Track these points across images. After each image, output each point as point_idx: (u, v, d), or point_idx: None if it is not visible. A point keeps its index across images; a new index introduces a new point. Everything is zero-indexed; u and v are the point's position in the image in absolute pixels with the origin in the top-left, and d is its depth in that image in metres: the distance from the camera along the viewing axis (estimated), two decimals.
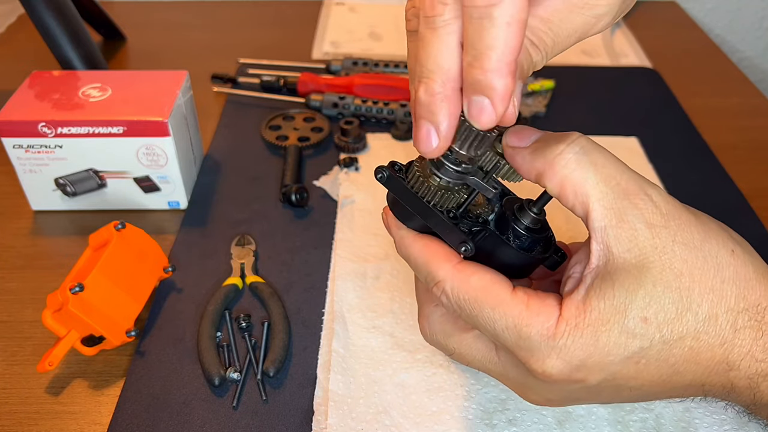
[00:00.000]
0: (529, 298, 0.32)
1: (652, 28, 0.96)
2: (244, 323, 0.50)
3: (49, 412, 0.45)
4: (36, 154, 0.58)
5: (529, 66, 0.31)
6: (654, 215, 0.31)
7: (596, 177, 0.32)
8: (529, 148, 0.33)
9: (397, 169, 0.36)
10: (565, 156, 0.32)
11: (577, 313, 0.31)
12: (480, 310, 0.33)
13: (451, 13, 0.29)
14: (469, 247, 0.33)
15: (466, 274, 0.33)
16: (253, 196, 0.64)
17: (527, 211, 0.34)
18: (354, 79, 0.76)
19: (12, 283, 0.55)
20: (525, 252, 0.35)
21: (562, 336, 0.31)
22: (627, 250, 0.31)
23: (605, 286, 0.31)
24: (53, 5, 0.69)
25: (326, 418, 0.43)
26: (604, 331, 0.30)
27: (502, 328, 0.32)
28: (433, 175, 0.34)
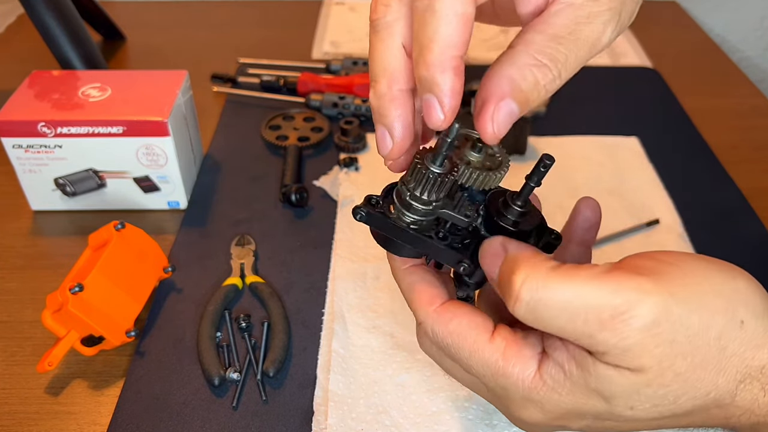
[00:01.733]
0: (507, 346, 0.31)
1: (652, 28, 0.96)
2: (244, 323, 0.50)
3: (48, 413, 0.45)
4: (36, 153, 0.58)
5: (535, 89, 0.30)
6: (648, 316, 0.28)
7: None
8: None
9: (375, 202, 0.35)
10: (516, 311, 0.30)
11: (557, 373, 0.30)
12: (459, 354, 0.33)
13: (394, 14, 0.29)
14: (467, 265, 0.33)
15: (445, 318, 0.33)
16: (253, 196, 0.64)
17: (512, 207, 0.34)
18: (354, 78, 0.76)
19: (12, 283, 0.55)
20: None
21: (537, 393, 0.30)
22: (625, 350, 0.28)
23: (587, 362, 0.29)
24: (53, 5, 0.69)
25: (326, 419, 0.43)
26: (582, 398, 0.30)
27: (481, 373, 0.32)
28: (405, 215, 0.34)
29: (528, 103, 0.30)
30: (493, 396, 0.34)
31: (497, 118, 0.29)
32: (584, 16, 0.29)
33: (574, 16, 0.29)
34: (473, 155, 0.34)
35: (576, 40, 0.29)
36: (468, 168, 0.33)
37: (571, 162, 0.67)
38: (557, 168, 0.66)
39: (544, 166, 0.31)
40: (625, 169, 0.66)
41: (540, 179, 0.32)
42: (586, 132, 0.72)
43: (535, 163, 0.32)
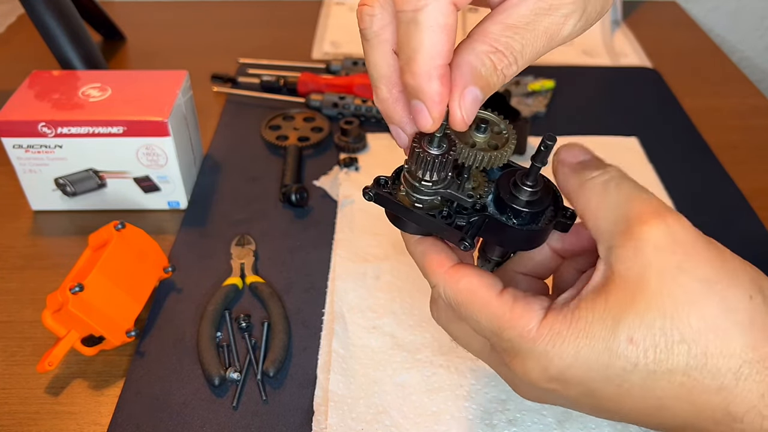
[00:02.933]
0: (515, 300, 0.32)
1: (652, 28, 0.96)
2: (244, 323, 0.50)
3: (48, 412, 0.45)
4: (36, 154, 0.58)
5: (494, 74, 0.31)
6: (664, 239, 0.30)
7: (616, 202, 0.31)
8: (569, 166, 0.34)
9: (383, 182, 0.36)
10: (595, 181, 0.32)
11: (563, 320, 0.30)
12: (468, 312, 0.33)
13: (379, 23, 0.30)
14: (468, 243, 0.34)
15: (455, 278, 0.34)
16: (253, 196, 0.64)
17: (521, 187, 0.34)
18: (354, 79, 0.76)
19: (12, 283, 0.55)
20: (529, 227, 0.34)
21: (542, 341, 0.30)
22: (628, 268, 0.30)
23: (598, 299, 0.30)
24: (53, 5, 0.69)
25: (326, 418, 0.43)
26: (586, 344, 0.29)
27: (488, 329, 0.33)
28: (410, 195, 0.35)
29: (490, 87, 0.31)
30: (497, 359, 0.35)
31: (464, 105, 0.31)
32: (545, 8, 0.30)
33: (535, 7, 0.30)
34: (478, 136, 0.35)
35: (533, 31, 0.30)
36: (472, 150, 0.34)
37: None
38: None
39: (545, 146, 0.32)
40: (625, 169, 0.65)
41: (545, 159, 0.33)
42: (586, 132, 0.72)
43: None
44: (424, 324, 0.50)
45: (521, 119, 0.65)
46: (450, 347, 0.48)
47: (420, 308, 0.51)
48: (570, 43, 0.91)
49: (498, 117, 0.37)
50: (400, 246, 0.57)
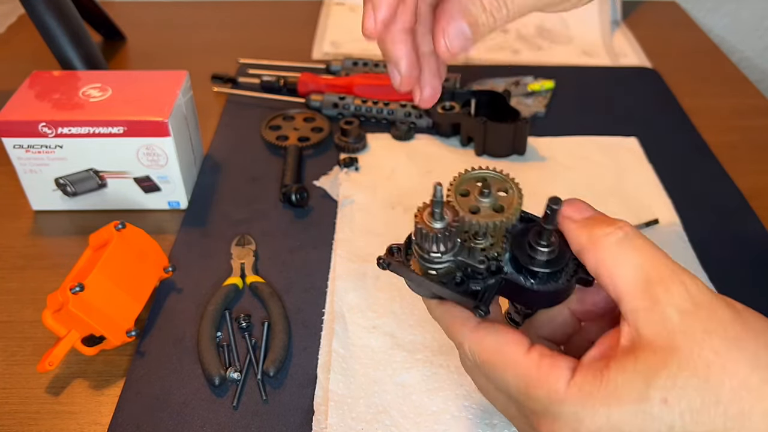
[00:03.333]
0: (542, 358, 0.32)
1: (652, 28, 0.96)
2: (244, 323, 0.50)
3: (49, 412, 0.45)
4: (36, 154, 0.58)
5: (483, 13, 0.33)
6: (686, 302, 0.30)
7: (633, 262, 0.31)
8: (578, 222, 0.34)
9: (396, 251, 0.36)
10: (609, 238, 0.32)
11: (593, 380, 0.30)
12: (494, 371, 0.33)
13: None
14: (482, 311, 0.33)
15: (480, 336, 0.34)
16: (253, 196, 0.64)
17: (536, 248, 0.34)
18: (354, 79, 0.76)
19: (12, 283, 0.55)
20: (547, 286, 0.34)
21: (571, 402, 0.30)
22: (656, 333, 0.30)
23: (627, 361, 0.29)
24: (53, 5, 0.69)
25: (326, 418, 0.44)
26: (617, 407, 0.29)
27: (515, 388, 0.32)
28: (422, 264, 0.35)
29: (477, 26, 0.32)
30: (523, 418, 0.34)
31: (449, 33, 0.32)
32: None
33: None
34: (483, 201, 0.35)
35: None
36: (476, 218, 0.34)
37: (571, 162, 0.67)
38: (557, 169, 0.67)
39: (551, 210, 0.32)
40: (625, 170, 0.66)
41: (553, 221, 0.33)
42: (585, 132, 0.72)
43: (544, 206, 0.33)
44: (424, 324, 0.50)
45: (521, 119, 0.65)
46: (450, 347, 0.48)
47: (420, 308, 0.51)
48: (569, 43, 0.91)
49: (499, 174, 0.36)
50: None
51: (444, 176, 0.68)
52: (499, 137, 0.66)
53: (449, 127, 0.70)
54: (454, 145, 0.70)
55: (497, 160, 0.67)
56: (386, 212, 0.61)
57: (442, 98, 0.71)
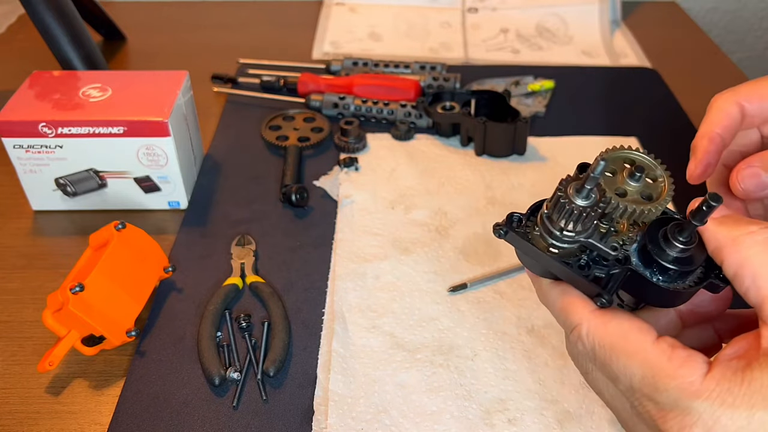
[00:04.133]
0: (674, 348, 0.30)
1: (651, 28, 0.96)
2: (245, 323, 0.50)
3: (49, 412, 0.45)
4: (36, 154, 0.58)
5: None
6: None
7: None
8: (717, 219, 0.32)
9: (516, 220, 0.33)
10: (755, 237, 0.30)
11: (733, 377, 0.28)
12: (616, 358, 0.31)
13: None
14: (606, 300, 0.31)
15: (604, 319, 0.32)
16: (253, 196, 0.64)
17: (672, 242, 0.31)
18: (354, 79, 0.76)
19: (12, 283, 0.55)
20: (674, 285, 0.32)
21: (708, 396, 0.28)
22: None
23: None
24: (53, 5, 0.69)
25: (326, 418, 0.44)
26: (762, 409, 0.27)
27: (639, 377, 0.30)
28: (548, 243, 0.32)
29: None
30: (636, 412, 0.32)
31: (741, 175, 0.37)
32: None
33: None
34: (631, 184, 0.33)
35: None
36: (623, 201, 0.32)
37: (571, 162, 0.67)
38: (557, 169, 0.67)
39: (708, 206, 0.30)
40: None
41: (705, 218, 0.31)
42: (585, 132, 0.72)
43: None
44: (424, 323, 0.50)
45: (521, 119, 0.65)
46: (450, 347, 0.48)
47: (420, 308, 0.51)
48: (569, 43, 0.91)
49: (656, 162, 0.34)
50: (400, 246, 0.57)
51: (444, 176, 0.68)
52: (499, 137, 0.66)
53: (449, 127, 0.70)
54: (454, 145, 0.70)
55: (497, 160, 0.67)
56: (386, 212, 0.61)
57: (442, 98, 0.71)
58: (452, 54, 0.89)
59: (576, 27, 0.95)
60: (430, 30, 0.94)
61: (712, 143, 0.39)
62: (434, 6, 1.00)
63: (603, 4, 0.96)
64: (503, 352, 0.48)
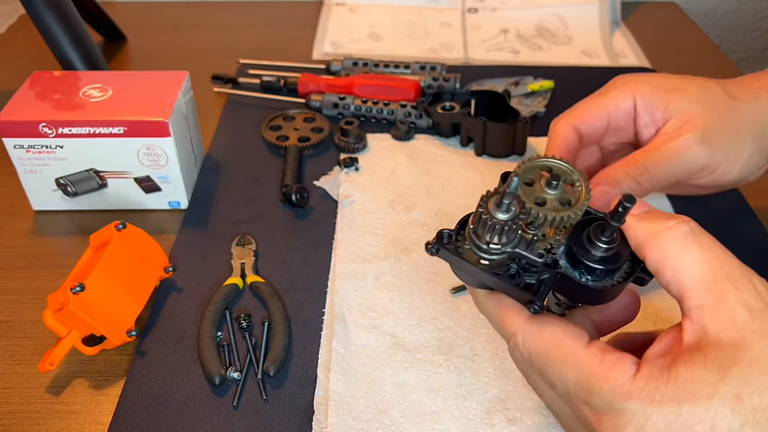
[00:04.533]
0: (604, 352, 0.31)
1: (651, 29, 0.96)
2: (245, 323, 0.50)
3: (49, 412, 0.45)
4: (37, 154, 0.58)
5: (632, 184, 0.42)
6: (756, 301, 0.30)
7: (699, 257, 0.31)
8: (638, 216, 0.33)
9: (447, 236, 0.34)
10: (672, 232, 0.32)
11: (660, 375, 0.29)
12: (552, 364, 0.32)
13: None
14: (537, 307, 0.32)
15: (537, 327, 0.33)
16: (253, 196, 0.64)
17: (596, 243, 0.33)
18: (354, 79, 0.76)
19: (13, 282, 0.55)
20: (603, 283, 0.33)
21: (638, 396, 0.29)
22: (723, 330, 0.29)
23: (695, 357, 0.29)
24: (54, 5, 0.69)
25: (326, 418, 0.44)
26: (688, 402, 0.28)
27: (573, 382, 0.31)
28: (478, 256, 0.33)
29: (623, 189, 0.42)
30: (575, 416, 0.33)
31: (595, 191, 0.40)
32: None
33: None
34: (549, 192, 0.34)
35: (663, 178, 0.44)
36: (543, 210, 0.33)
37: None
38: None
39: (623, 207, 0.31)
40: None
41: (622, 219, 0.32)
42: None
43: None
44: (424, 323, 0.50)
45: (521, 119, 0.65)
46: (450, 346, 0.48)
47: (420, 308, 0.51)
48: (569, 44, 0.91)
49: (570, 167, 0.35)
50: (400, 246, 0.57)
51: (444, 176, 0.68)
52: (499, 137, 0.66)
53: (449, 128, 0.70)
54: (453, 145, 0.70)
55: (497, 160, 0.67)
56: (386, 212, 0.61)
57: (442, 98, 0.71)
58: (452, 54, 0.89)
59: (576, 27, 0.95)
60: (430, 30, 0.94)
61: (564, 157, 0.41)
62: (434, 6, 1.00)
63: (603, 4, 0.96)
64: (503, 351, 0.48)
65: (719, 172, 0.45)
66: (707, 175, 0.45)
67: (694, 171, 0.44)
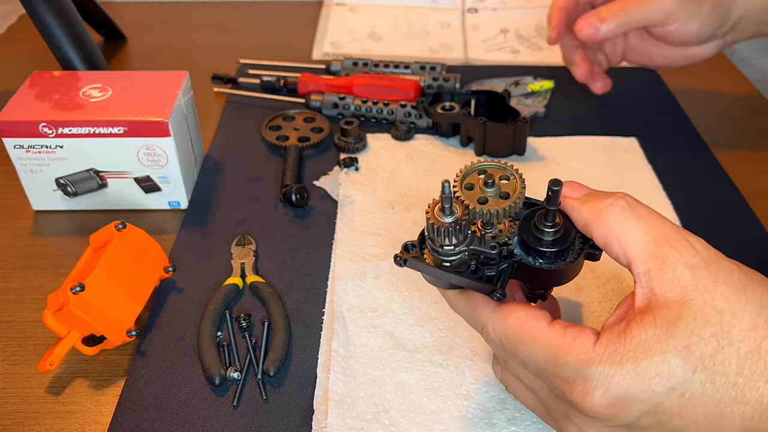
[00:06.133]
0: (566, 328, 0.34)
1: None
2: (245, 323, 0.50)
3: (49, 412, 0.45)
4: (37, 154, 0.58)
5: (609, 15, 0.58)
6: (695, 259, 0.32)
7: (639, 227, 0.34)
8: (579, 200, 0.36)
9: (411, 246, 0.38)
10: (612, 209, 0.35)
11: (617, 340, 0.32)
12: (521, 345, 0.35)
13: None
14: (500, 295, 0.35)
15: (503, 314, 0.36)
16: (253, 196, 0.64)
17: (542, 228, 0.36)
18: (354, 79, 0.76)
19: (13, 283, 0.55)
20: (557, 264, 0.36)
21: (599, 361, 0.31)
22: (669, 290, 0.32)
23: (646, 318, 0.32)
24: (54, 5, 0.69)
25: (326, 418, 0.44)
26: (644, 359, 0.31)
27: (543, 359, 0.34)
28: (437, 257, 0.36)
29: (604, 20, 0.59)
30: (551, 394, 0.35)
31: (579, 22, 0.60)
32: None
33: None
34: (488, 191, 0.37)
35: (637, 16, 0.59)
36: (484, 208, 0.36)
37: (570, 162, 0.67)
38: (556, 169, 0.67)
39: (552, 191, 0.34)
40: (624, 170, 0.67)
41: (555, 201, 0.35)
42: (585, 132, 0.72)
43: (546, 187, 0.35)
44: (423, 323, 0.50)
45: (521, 119, 0.65)
46: (450, 346, 0.48)
47: (420, 307, 0.51)
48: None
49: (499, 163, 0.38)
50: (400, 246, 0.57)
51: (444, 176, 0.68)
52: (499, 137, 0.66)
53: (449, 128, 0.70)
54: (453, 145, 0.70)
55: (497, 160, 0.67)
56: (386, 212, 0.61)
57: (442, 98, 0.71)
58: (452, 54, 0.89)
59: None
60: (429, 30, 0.94)
61: (560, 14, 0.54)
62: (434, 6, 1.00)
63: None
64: None
65: (681, 21, 0.57)
66: (672, 22, 0.58)
67: (663, 15, 0.56)
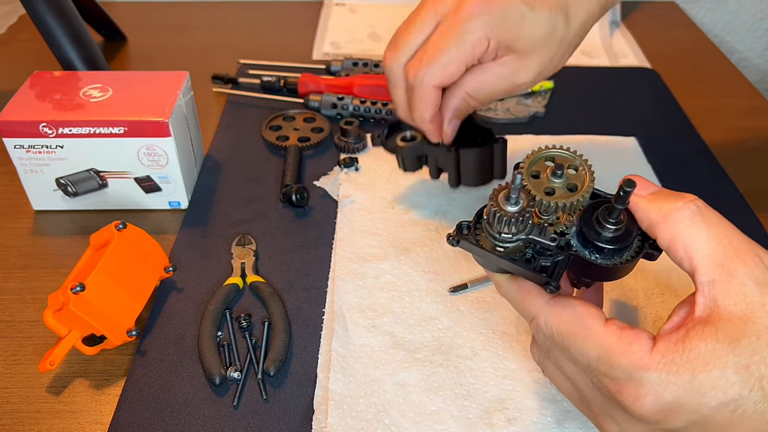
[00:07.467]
0: (622, 329, 0.33)
1: (651, 29, 0.97)
2: (245, 323, 0.50)
3: (50, 412, 0.45)
4: (37, 154, 0.58)
5: (468, 109, 0.50)
6: (764, 275, 0.32)
7: (708, 235, 0.33)
8: (646, 198, 0.35)
9: (465, 227, 0.37)
10: (681, 212, 0.34)
11: (675, 348, 0.31)
12: (573, 342, 0.34)
13: None
14: (553, 287, 0.35)
15: (558, 308, 0.35)
16: (253, 196, 0.64)
17: (604, 225, 0.35)
18: (354, 79, 0.76)
19: (13, 282, 0.55)
20: (613, 261, 0.35)
21: (656, 367, 0.31)
22: (734, 303, 0.31)
23: (707, 330, 0.31)
24: (54, 6, 0.69)
25: (326, 417, 0.44)
26: (702, 372, 0.30)
27: (595, 358, 0.33)
28: (492, 241, 0.36)
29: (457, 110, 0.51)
30: (595, 389, 0.35)
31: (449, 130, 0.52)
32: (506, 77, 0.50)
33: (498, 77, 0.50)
34: (555, 182, 0.36)
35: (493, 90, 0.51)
36: (551, 199, 0.35)
37: None
38: None
39: (624, 192, 0.33)
40: (624, 170, 0.66)
41: (625, 202, 0.34)
42: (584, 132, 0.72)
43: None
44: (423, 323, 0.50)
45: (496, 140, 0.54)
46: (450, 346, 0.48)
47: (420, 307, 0.51)
48: None
49: (567, 151, 0.37)
50: (400, 246, 0.57)
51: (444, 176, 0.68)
52: (475, 165, 0.54)
53: (415, 161, 0.57)
54: None
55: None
56: (386, 212, 0.61)
57: (401, 127, 0.58)
58: None
59: None
60: None
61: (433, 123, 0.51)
62: None
63: None
64: (503, 351, 0.48)
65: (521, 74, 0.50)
66: None
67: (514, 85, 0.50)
